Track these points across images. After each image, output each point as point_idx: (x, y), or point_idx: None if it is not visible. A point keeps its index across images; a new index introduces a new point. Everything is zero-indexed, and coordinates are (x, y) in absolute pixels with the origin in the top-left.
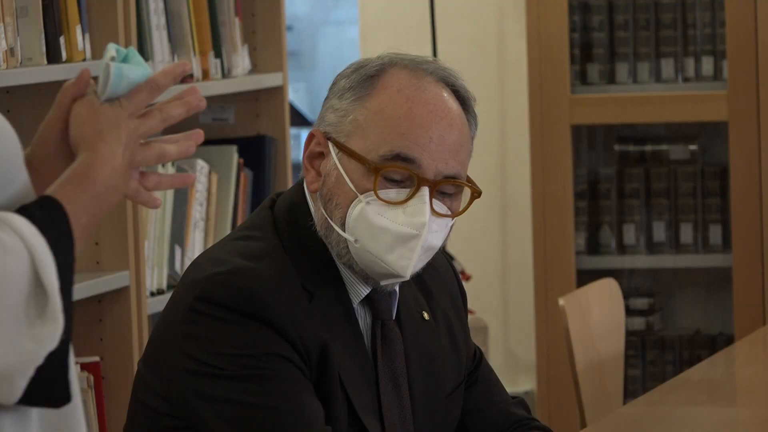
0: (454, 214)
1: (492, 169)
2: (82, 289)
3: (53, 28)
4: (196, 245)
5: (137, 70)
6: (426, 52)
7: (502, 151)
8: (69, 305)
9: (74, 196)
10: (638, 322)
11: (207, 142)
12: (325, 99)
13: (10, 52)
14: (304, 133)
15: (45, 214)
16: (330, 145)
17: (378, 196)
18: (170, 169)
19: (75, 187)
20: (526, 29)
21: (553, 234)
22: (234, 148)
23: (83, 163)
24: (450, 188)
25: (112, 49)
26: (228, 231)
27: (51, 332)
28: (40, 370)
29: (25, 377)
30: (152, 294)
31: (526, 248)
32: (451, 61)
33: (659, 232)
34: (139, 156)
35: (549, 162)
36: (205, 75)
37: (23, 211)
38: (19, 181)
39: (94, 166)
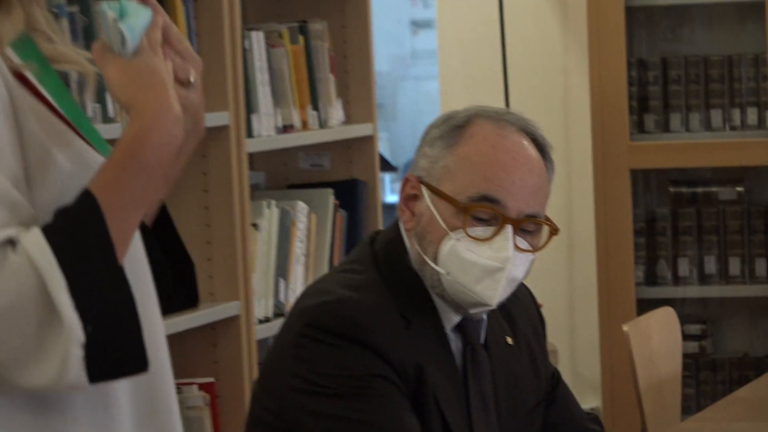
0: (535, 249)
1: (560, 208)
2: (197, 318)
3: None
4: (298, 278)
5: (140, 16)
6: (499, 103)
7: (569, 192)
8: (107, 286)
9: (115, 177)
10: (692, 346)
11: (306, 186)
12: (418, 147)
13: None
14: (388, 177)
15: (75, 219)
16: (423, 188)
17: (467, 234)
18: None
19: (118, 167)
20: (589, 83)
21: (615, 267)
22: (330, 191)
23: (127, 138)
24: (531, 226)
25: (107, 9)
26: (326, 265)
27: (66, 336)
28: (96, 348)
29: (70, 361)
30: (260, 321)
31: (591, 279)
32: (521, 111)
33: (710, 265)
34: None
35: (611, 202)
36: (304, 125)
37: (57, 213)
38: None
39: (141, 137)
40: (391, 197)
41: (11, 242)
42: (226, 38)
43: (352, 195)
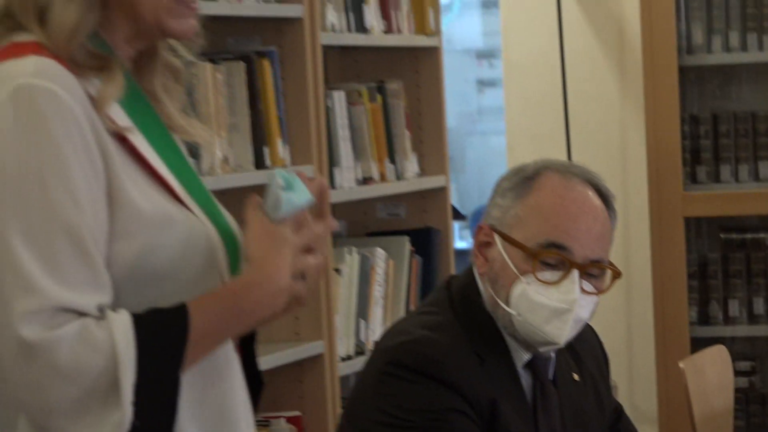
0: (599, 291)
1: (618, 252)
2: (284, 356)
3: (259, 140)
4: (377, 319)
5: (301, 196)
6: (562, 156)
7: (627, 238)
8: (160, 398)
9: (212, 308)
10: (742, 381)
11: (384, 233)
12: (490, 197)
13: (225, 160)
14: (457, 225)
15: (165, 326)
16: (495, 235)
17: (536, 278)
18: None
19: (219, 301)
20: (646, 137)
21: (670, 307)
22: (406, 239)
23: (241, 282)
24: (595, 270)
25: (278, 177)
26: (403, 307)
27: (117, 421)
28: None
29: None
30: (342, 359)
31: (648, 319)
32: (582, 163)
33: (758, 306)
34: (301, 265)
35: (666, 247)
36: (382, 177)
37: (150, 312)
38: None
39: (250, 287)
40: (460, 243)
41: (96, 315)
42: (310, 97)
43: (426, 242)
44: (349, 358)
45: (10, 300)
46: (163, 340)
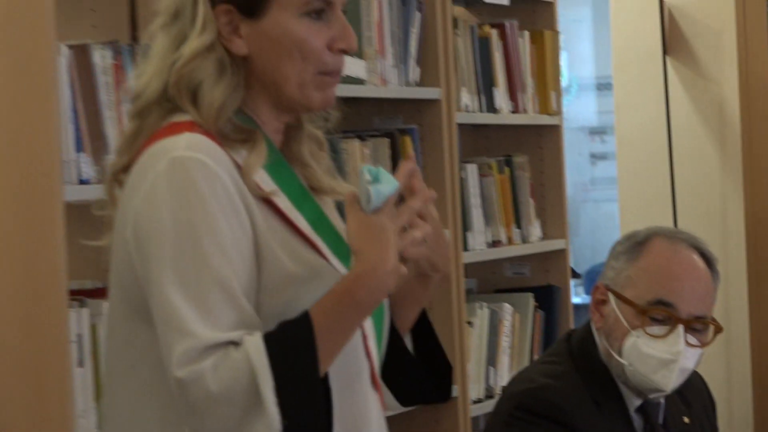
0: (703, 344)
1: (718, 308)
2: None
3: None
4: (504, 366)
5: (388, 185)
6: (668, 222)
7: (727, 296)
8: (303, 400)
9: (330, 305)
10: None
11: (510, 290)
12: (606, 260)
13: None
14: (573, 283)
15: (291, 333)
16: (610, 294)
17: (645, 332)
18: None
19: (335, 298)
20: (744, 206)
21: (767, 359)
22: (530, 295)
23: (351, 277)
24: (699, 325)
25: (366, 173)
26: (527, 356)
27: (266, 423)
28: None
29: None
30: (474, 402)
31: (746, 370)
32: (686, 229)
33: None
34: (401, 246)
35: (763, 305)
36: (509, 240)
37: (278, 325)
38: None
39: (360, 279)
40: (575, 299)
41: (234, 343)
42: (446, 170)
43: (548, 298)
44: (479, 401)
45: (171, 345)
46: (294, 344)
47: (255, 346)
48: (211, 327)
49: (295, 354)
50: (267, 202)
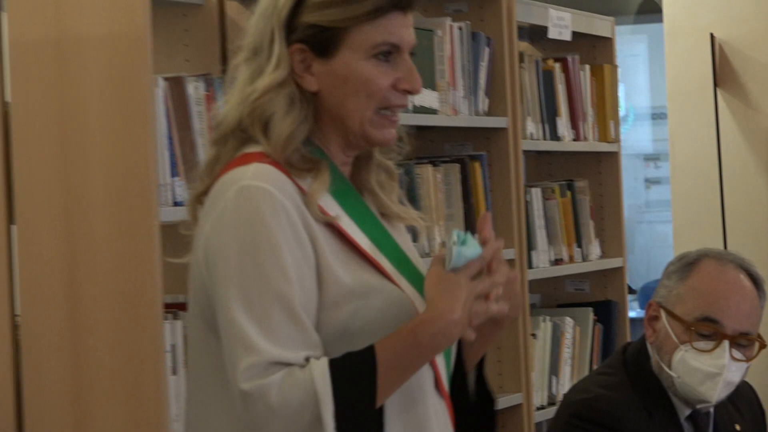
0: (748, 359)
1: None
2: None
3: (470, 228)
4: (566, 376)
5: (472, 250)
6: (718, 243)
7: None
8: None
9: (395, 344)
10: None
11: (571, 305)
12: (660, 279)
13: (443, 244)
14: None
15: (355, 364)
16: (661, 311)
17: (693, 347)
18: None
19: (400, 338)
20: None
21: None
22: (590, 310)
23: (417, 320)
24: (744, 341)
25: (454, 235)
26: (587, 366)
27: None
28: None
29: None
30: (537, 409)
31: None
32: (735, 250)
33: None
34: (474, 308)
35: None
36: (571, 259)
37: (344, 355)
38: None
39: (425, 323)
40: (631, 313)
41: (292, 364)
42: (512, 193)
43: (606, 312)
44: (542, 407)
45: (236, 360)
46: (356, 374)
47: (320, 370)
48: (273, 343)
49: (356, 384)
50: (330, 225)
